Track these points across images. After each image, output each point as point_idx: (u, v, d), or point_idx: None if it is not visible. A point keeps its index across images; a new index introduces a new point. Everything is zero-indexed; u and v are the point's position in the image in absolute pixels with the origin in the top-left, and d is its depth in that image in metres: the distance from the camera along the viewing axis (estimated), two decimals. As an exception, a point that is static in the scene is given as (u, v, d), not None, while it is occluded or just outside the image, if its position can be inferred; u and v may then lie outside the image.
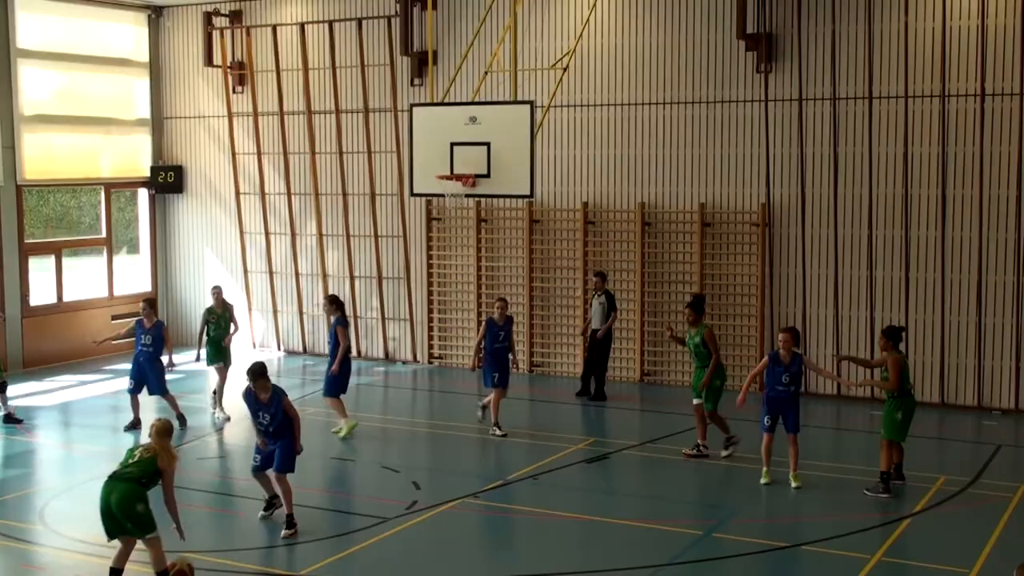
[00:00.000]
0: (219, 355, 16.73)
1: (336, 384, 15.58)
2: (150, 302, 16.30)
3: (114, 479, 9.72)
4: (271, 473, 11.66)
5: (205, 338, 16.60)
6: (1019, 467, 14.46)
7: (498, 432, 15.35)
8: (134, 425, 15.89)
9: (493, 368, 15.60)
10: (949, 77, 16.78)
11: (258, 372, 11.50)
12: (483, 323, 16.08)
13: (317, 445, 15.38)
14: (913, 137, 17.08)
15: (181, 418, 15.94)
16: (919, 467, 13.66)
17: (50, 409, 17.69)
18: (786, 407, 13.13)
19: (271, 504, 11.93)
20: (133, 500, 9.58)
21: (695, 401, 14.35)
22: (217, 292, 17.14)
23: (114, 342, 17.32)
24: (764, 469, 13.30)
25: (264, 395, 11.46)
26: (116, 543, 9.87)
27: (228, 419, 16.34)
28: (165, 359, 16.12)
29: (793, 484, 13.09)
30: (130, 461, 9.86)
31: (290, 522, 11.49)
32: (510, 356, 15.85)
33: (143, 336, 15.88)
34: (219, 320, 16.72)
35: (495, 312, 15.78)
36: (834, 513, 12.40)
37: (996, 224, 16.75)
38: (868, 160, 17.33)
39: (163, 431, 10.05)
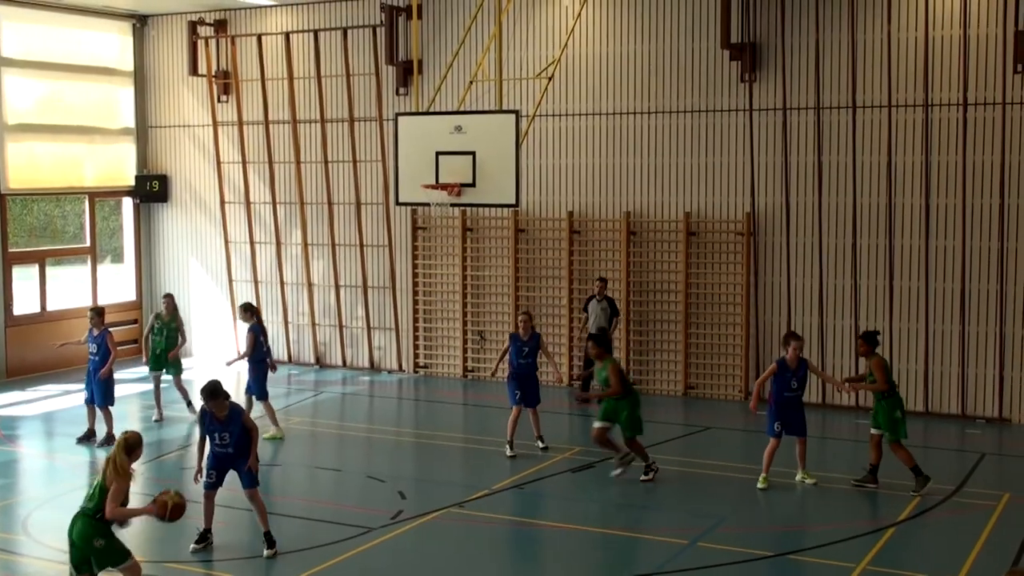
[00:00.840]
0: (159, 364, 16.69)
1: (258, 387, 15.76)
2: (97, 311, 16.04)
3: (78, 513, 9.26)
4: (241, 492, 11.26)
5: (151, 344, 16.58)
6: (1003, 475, 14.51)
7: (510, 452, 14.83)
8: (87, 436, 15.82)
9: (516, 386, 14.95)
10: (932, 87, 16.87)
11: (212, 392, 11.01)
12: (508, 338, 15.40)
13: (302, 455, 15.37)
14: (897, 146, 17.16)
15: (109, 437, 15.43)
16: (904, 476, 13.69)
17: (33, 419, 17.62)
18: (796, 412, 13.44)
19: (205, 537, 11.44)
20: (90, 536, 9.10)
21: (600, 424, 13.68)
22: (167, 300, 17.10)
23: (75, 347, 17.15)
24: (763, 475, 13.44)
25: (222, 414, 11.09)
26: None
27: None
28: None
29: (809, 481, 13.53)
30: (90, 493, 9.29)
31: (270, 541, 11.23)
32: (538, 373, 15.22)
33: (91, 345, 15.75)
34: (164, 329, 16.65)
35: (520, 327, 15.22)
36: (820, 522, 12.43)
37: (979, 233, 16.82)
38: (852, 169, 17.40)
39: (125, 445, 9.23)
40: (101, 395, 15.64)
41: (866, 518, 12.42)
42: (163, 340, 17.01)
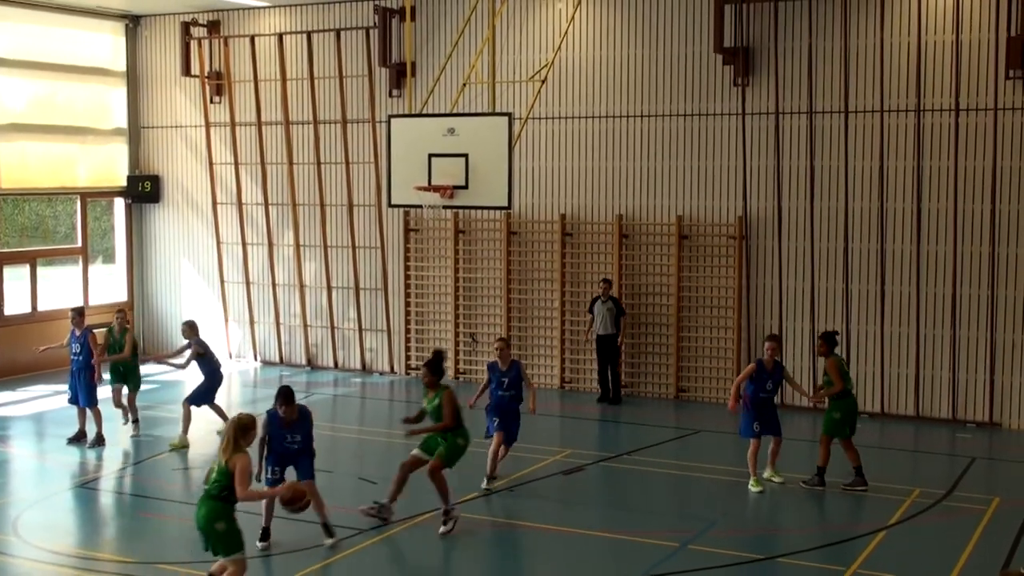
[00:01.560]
0: (117, 377, 16.33)
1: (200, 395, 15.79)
2: (78, 310, 16.07)
3: (202, 497, 9.28)
4: (303, 484, 10.90)
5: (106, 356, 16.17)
6: (993, 479, 14.55)
7: (486, 484, 13.57)
8: (78, 437, 15.75)
9: (493, 415, 13.68)
10: (924, 92, 16.91)
11: (287, 397, 11.26)
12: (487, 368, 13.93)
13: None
14: (889, 151, 17.20)
15: (99, 437, 15.49)
16: (893, 479, 13.74)
17: (24, 419, 17.57)
18: (771, 411, 13.61)
19: (268, 533, 11.48)
20: (213, 519, 9.13)
21: (418, 453, 12.28)
22: (119, 315, 16.51)
23: (57, 349, 16.91)
24: (753, 478, 13.50)
25: (293, 417, 11.26)
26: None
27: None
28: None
29: (776, 480, 13.71)
30: (212, 476, 9.23)
31: (329, 530, 11.42)
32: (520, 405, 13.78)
33: (73, 345, 15.74)
34: (115, 344, 16.28)
35: (497, 356, 13.77)
36: (810, 525, 12.45)
37: (970, 238, 16.87)
38: (844, 173, 17.43)
39: (240, 426, 9.17)
40: (85, 396, 15.57)
41: (857, 521, 12.44)
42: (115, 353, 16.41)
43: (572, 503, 13.21)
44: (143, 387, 16.63)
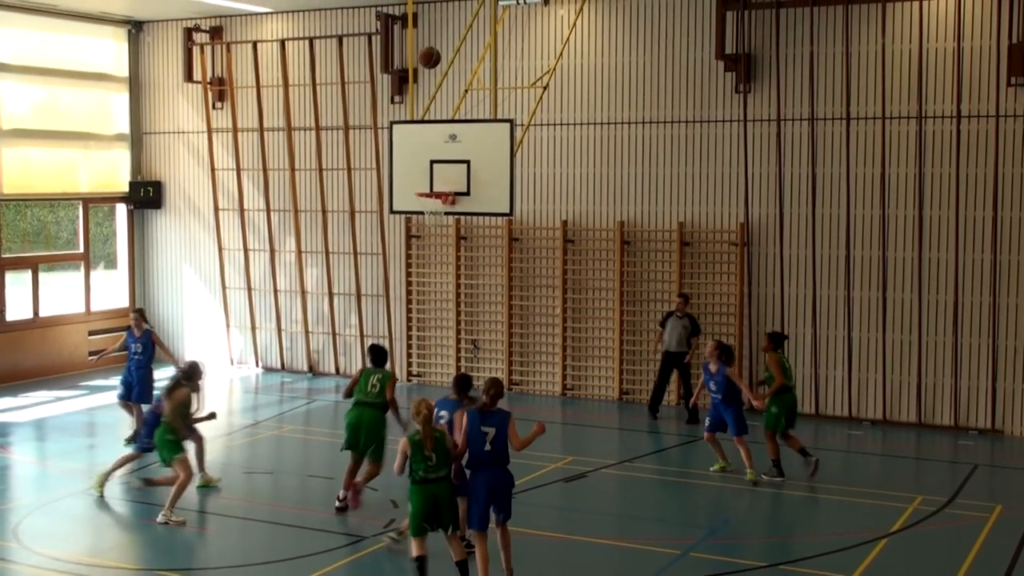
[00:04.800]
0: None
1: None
2: (140, 312, 16.64)
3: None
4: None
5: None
6: (995, 487, 14.54)
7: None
8: (135, 436, 15.91)
9: (482, 488, 10.51)
10: (926, 99, 16.92)
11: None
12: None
13: (295, 463, 15.35)
14: (890, 158, 17.20)
15: (136, 433, 15.36)
16: (895, 487, 13.72)
17: (25, 425, 17.56)
18: (719, 411, 14.27)
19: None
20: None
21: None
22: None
23: (112, 355, 17.12)
24: (749, 469, 14.08)
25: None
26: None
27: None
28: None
29: (714, 468, 14.47)
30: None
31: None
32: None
33: (133, 345, 16.18)
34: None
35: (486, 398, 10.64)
36: (812, 532, 12.43)
37: (972, 245, 16.86)
38: (846, 180, 17.43)
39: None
40: (144, 392, 16.07)
41: (858, 529, 12.42)
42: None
43: (573, 510, 13.20)
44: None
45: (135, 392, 16.12)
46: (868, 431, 17.10)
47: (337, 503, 12.73)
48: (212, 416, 13.45)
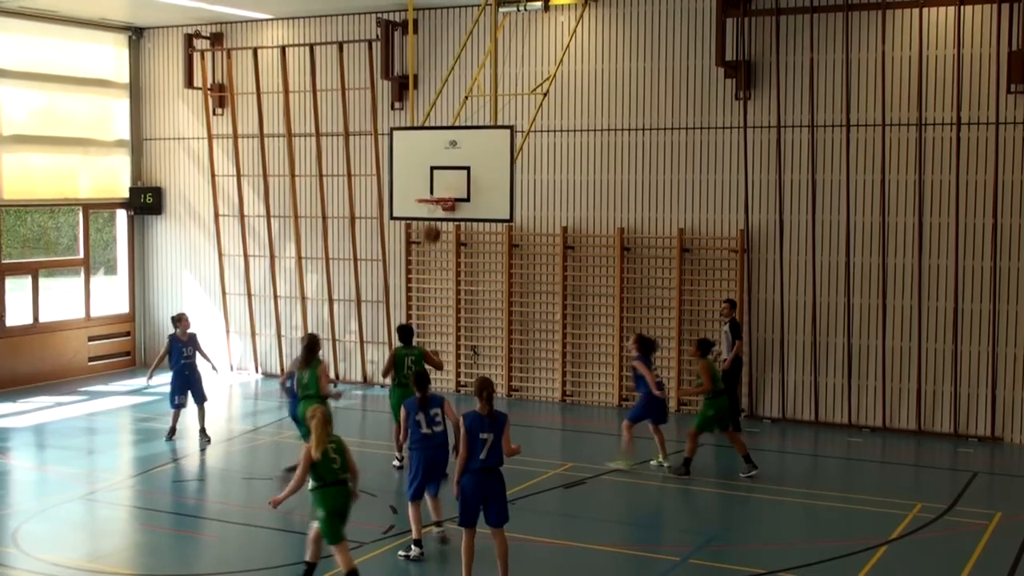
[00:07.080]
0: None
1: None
2: (184, 316, 16.76)
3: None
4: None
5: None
6: (995, 494, 14.52)
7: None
8: (203, 433, 16.36)
9: (470, 493, 10.62)
10: (926, 106, 16.93)
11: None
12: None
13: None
14: (890, 165, 17.21)
15: (172, 430, 16.31)
16: (895, 494, 13.70)
17: (24, 430, 17.56)
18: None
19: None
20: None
21: None
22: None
23: (160, 365, 16.90)
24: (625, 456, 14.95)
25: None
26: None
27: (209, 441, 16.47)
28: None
29: (653, 462, 15.00)
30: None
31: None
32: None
33: (184, 349, 16.32)
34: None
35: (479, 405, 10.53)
36: (811, 539, 12.41)
37: (972, 252, 16.86)
38: (846, 187, 17.44)
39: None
40: (202, 391, 16.42)
41: (858, 536, 12.41)
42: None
43: (572, 517, 13.18)
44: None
45: (197, 393, 16.34)
46: (867, 438, 17.09)
47: (396, 463, 14.74)
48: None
